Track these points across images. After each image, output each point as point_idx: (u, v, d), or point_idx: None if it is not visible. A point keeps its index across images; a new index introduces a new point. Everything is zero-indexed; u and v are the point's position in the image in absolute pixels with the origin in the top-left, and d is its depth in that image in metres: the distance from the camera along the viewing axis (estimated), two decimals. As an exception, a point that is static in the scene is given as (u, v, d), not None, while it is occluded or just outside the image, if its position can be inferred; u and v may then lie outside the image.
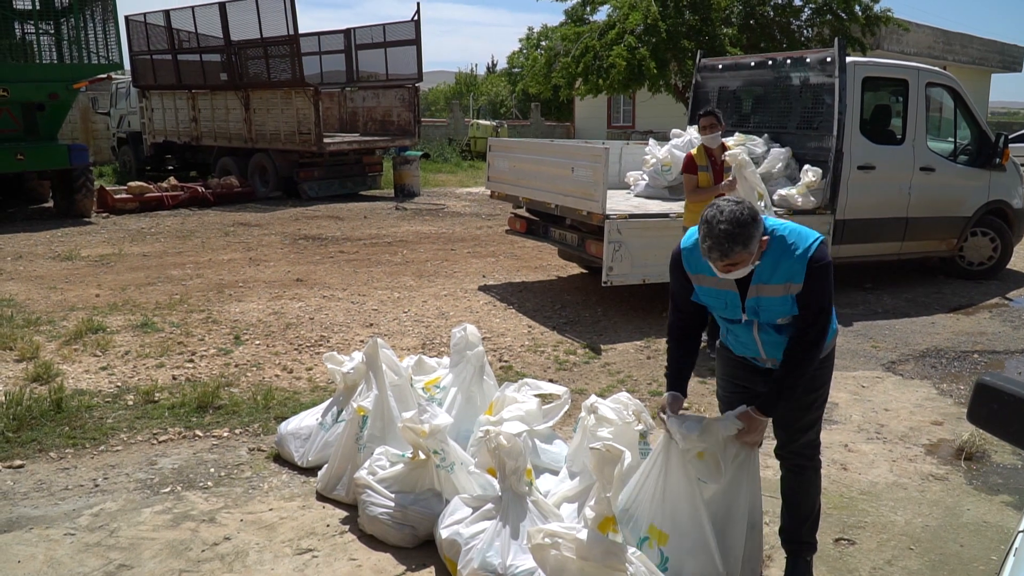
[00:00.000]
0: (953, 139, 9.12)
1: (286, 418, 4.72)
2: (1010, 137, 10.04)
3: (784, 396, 2.92)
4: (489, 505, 3.29)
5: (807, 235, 2.86)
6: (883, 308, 8.10)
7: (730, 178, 6.17)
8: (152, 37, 18.56)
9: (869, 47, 20.76)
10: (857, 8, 19.98)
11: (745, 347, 3.11)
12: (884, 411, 5.36)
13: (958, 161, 8.93)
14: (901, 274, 9.50)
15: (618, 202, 7.75)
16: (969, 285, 9.13)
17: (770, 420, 2.99)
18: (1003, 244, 9.37)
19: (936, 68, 9.29)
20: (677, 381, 3.16)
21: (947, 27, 31.99)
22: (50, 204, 14.74)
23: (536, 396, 3.93)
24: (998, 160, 9.00)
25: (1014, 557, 1.60)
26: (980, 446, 4.68)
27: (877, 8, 20.34)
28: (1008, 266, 9.69)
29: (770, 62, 8.78)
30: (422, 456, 3.60)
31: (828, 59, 7.87)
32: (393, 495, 3.59)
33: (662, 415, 3.02)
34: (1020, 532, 1.70)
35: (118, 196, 14.43)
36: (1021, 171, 9.66)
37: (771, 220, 2.92)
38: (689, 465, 2.88)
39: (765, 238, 2.79)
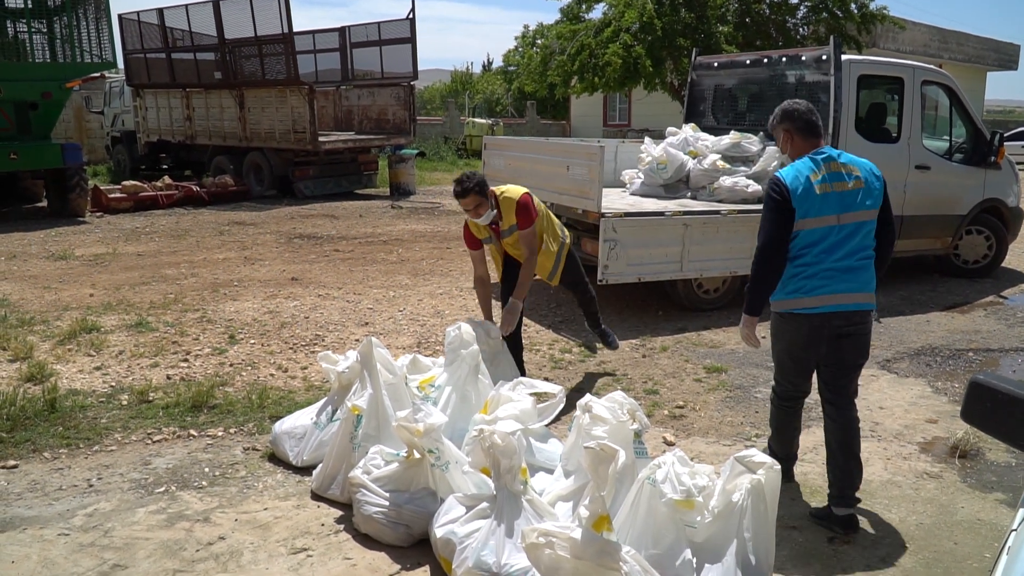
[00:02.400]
0: (948, 137, 9.13)
1: (281, 417, 4.70)
2: (1005, 135, 10.05)
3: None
4: (484, 504, 3.28)
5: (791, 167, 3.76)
6: (878, 306, 8.09)
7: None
8: (146, 35, 18.49)
9: (865, 45, 20.80)
10: (853, 6, 20.00)
11: None
12: (879, 409, 5.36)
13: (953, 159, 8.94)
14: (896, 272, 9.51)
15: (613, 200, 7.75)
16: (964, 283, 9.15)
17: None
18: (998, 242, 9.39)
19: (931, 66, 9.30)
20: None
21: (943, 25, 32.13)
22: (44, 204, 14.69)
23: (531, 395, 3.92)
24: (993, 158, 9.01)
25: (1007, 556, 1.60)
26: (974, 444, 4.69)
27: (873, 6, 20.38)
28: (1003, 264, 9.71)
29: (766, 60, 8.78)
30: (417, 455, 3.59)
31: (824, 57, 7.87)
32: (388, 494, 3.58)
33: None
34: (1013, 531, 1.70)
35: (112, 195, 14.39)
36: (1016, 169, 9.68)
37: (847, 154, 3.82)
38: (675, 512, 2.85)
39: (789, 140, 3.85)
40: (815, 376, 4.01)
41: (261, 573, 3.34)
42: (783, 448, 4.22)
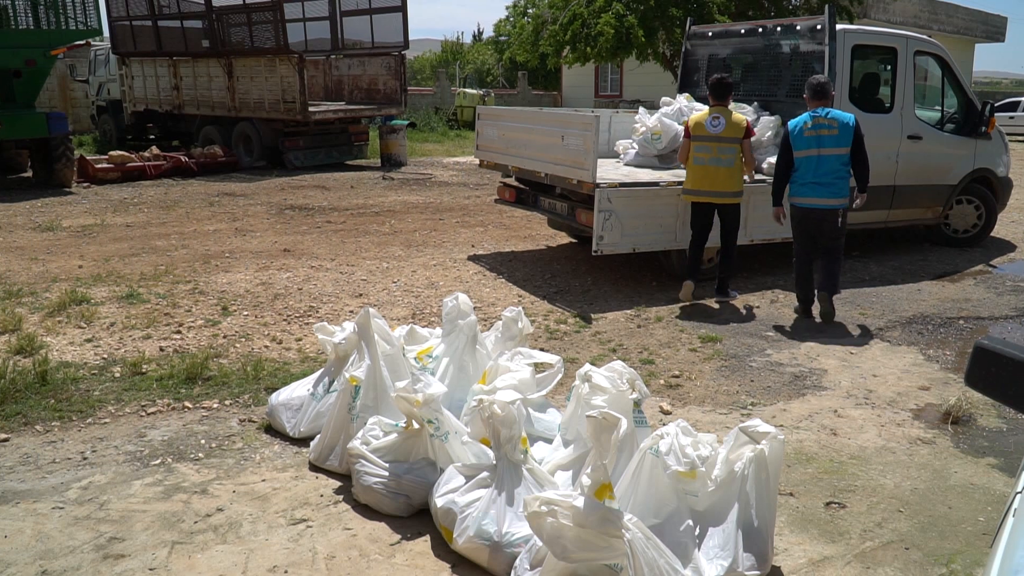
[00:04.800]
0: (940, 108, 9.12)
1: (276, 389, 4.69)
2: (996, 106, 10.04)
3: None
4: (484, 474, 3.29)
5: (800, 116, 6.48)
6: (870, 275, 8.13)
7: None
8: (132, 3, 18.14)
9: (856, 16, 20.66)
10: (845, -24, 19.81)
11: None
12: (872, 377, 5.39)
13: (945, 129, 8.94)
14: (887, 242, 9.54)
15: (608, 171, 7.70)
16: (954, 252, 9.19)
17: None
18: (987, 212, 9.42)
19: (924, 36, 9.25)
20: None
21: (933, -4, 31.97)
22: (29, 174, 14.52)
23: (529, 365, 3.92)
24: (984, 128, 9.01)
25: (1013, 518, 1.61)
26: (966, 410, 4.73)
27: (865, -25, 20.19)
28: (992, 234, 9.75)
29: (760, 30, 8.71)
30: (416, 426, 3.58)
31: (818, 27, 7.82)
32: (387, 465, 3.58)
33: None
34: (1019, 493, 1.70)
35: (99, 166, 14.20)
36: (1006, 140, 9.68)
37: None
38: (678, 482, 2.86)
39: (807, 100, 6.56)
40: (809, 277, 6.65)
41: (261, 544, 3.35)
42: (802, 292, 6.64)
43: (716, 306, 6.96)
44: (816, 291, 6.54)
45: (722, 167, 6.67)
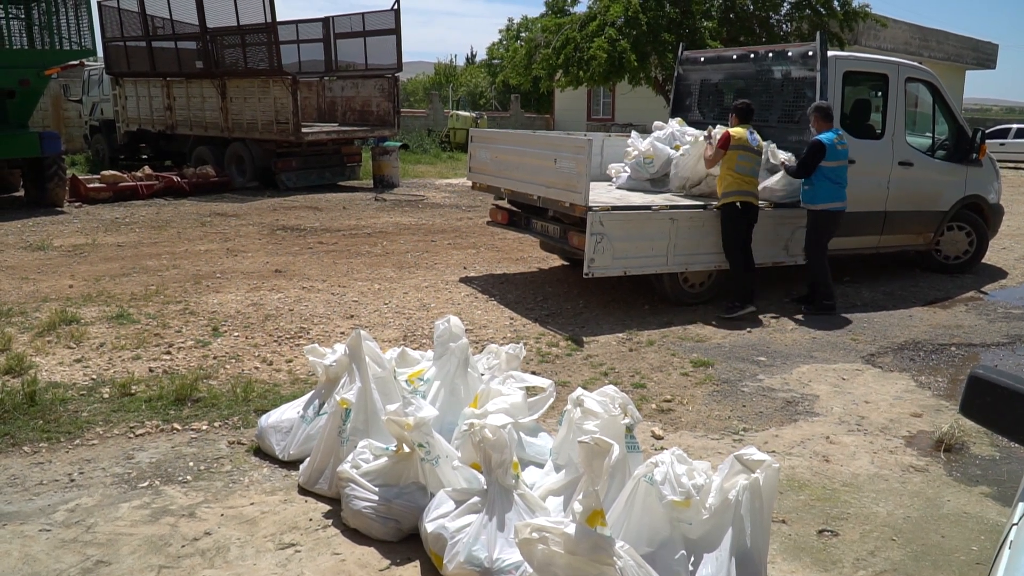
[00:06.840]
0: (931, 134, 9.19)
1: (266, 411, 4.65)
2: (986, 132, 10.13)
3: None
4: (475, 498, 3.26)
5: (825, 135, 7.31)
6: (861, 301, 8.15)
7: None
8: (126, 23, 18.23)
9: (847, 42, 20.92)
10: (836, 3, 20.10)
11: None
12: (864, 403, 5.39)
13: (936, 156, 9.00)
14: (878, 268, 9.58)
15: (600, 194, 7.73)
16: (945, 279, 9.22)
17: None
18: (978, 238, 9.47)
19: (915, 63, 9.35)
20: None
21: (924, 23, 32.46)
22: (21, 193, 14.47)
23: (521, 389, 3.90)
24: (975, 155, 9.08)
25: (1010, 550, 1.59)
26: (959, 438, 4.72)
27: (855, 3, 20.48)
28: (983, 260, 9.79)
29: (752, 55, 8.78)
30: (406, 449, 3.56)
31: (810, 53, 7.89)
32: (377, 489, 3.55)
33: None
34: (1015, 525, 1.69)
35: (91, 185, 14.18)
36: (997, 167, 9.76)
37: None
38: (672, 511, 2.84)
39: (817, 122, 7.41)
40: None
41: (248, 569, 3.30)
42: (829, 289, 7.61)
43: (706, 331, 6.96)
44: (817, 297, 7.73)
45: (757, 177, 7.47)
